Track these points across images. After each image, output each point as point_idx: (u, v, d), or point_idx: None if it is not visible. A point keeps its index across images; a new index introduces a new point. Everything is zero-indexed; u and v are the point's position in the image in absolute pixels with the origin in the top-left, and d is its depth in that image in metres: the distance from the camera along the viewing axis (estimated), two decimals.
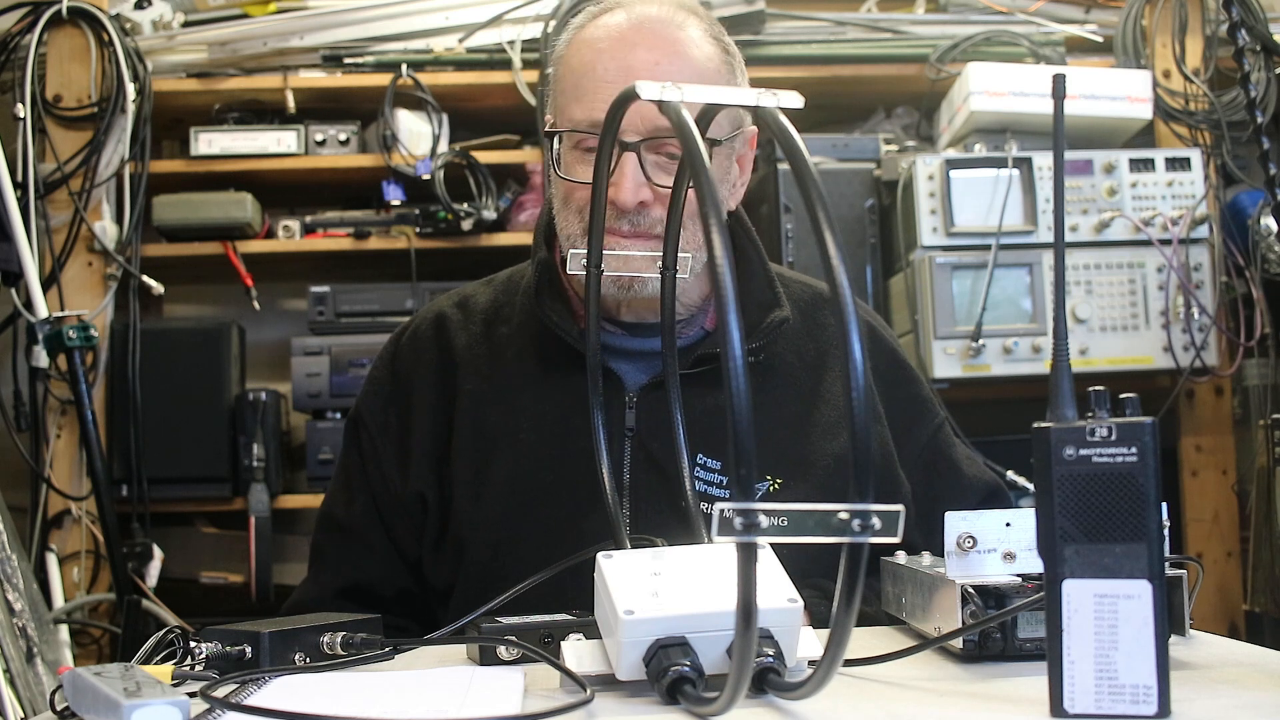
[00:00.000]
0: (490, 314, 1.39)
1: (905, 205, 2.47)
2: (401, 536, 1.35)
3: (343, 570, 1.36)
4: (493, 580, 1.23)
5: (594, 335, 1.08)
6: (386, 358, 1.42)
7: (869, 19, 2.81)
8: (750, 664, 0.69)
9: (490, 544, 1.27)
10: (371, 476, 1.36)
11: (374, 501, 1.36)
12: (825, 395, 1.33)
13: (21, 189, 2.44)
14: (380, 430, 1.37)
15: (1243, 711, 0.75)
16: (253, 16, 2.70)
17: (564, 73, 1.29)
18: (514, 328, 1.36)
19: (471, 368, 1.35)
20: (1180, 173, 2.47)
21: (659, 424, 1.24)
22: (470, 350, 1.36)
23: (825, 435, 1.31)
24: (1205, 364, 2.43)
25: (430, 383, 1.36)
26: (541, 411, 1.30)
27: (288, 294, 3.05)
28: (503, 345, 1.35)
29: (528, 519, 1.26)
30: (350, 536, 1.37)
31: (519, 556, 1.24)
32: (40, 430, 2.49)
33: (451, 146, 2.69)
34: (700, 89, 0.82)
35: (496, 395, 1.32)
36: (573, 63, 1.27)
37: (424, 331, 1.40)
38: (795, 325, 1.35)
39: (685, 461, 1.11)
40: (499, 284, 1.43)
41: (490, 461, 1.30)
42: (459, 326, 1.38)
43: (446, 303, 1.42)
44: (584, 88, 1.24)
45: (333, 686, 0.88)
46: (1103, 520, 0.73)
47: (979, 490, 1.40)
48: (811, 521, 0.68)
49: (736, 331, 0.66)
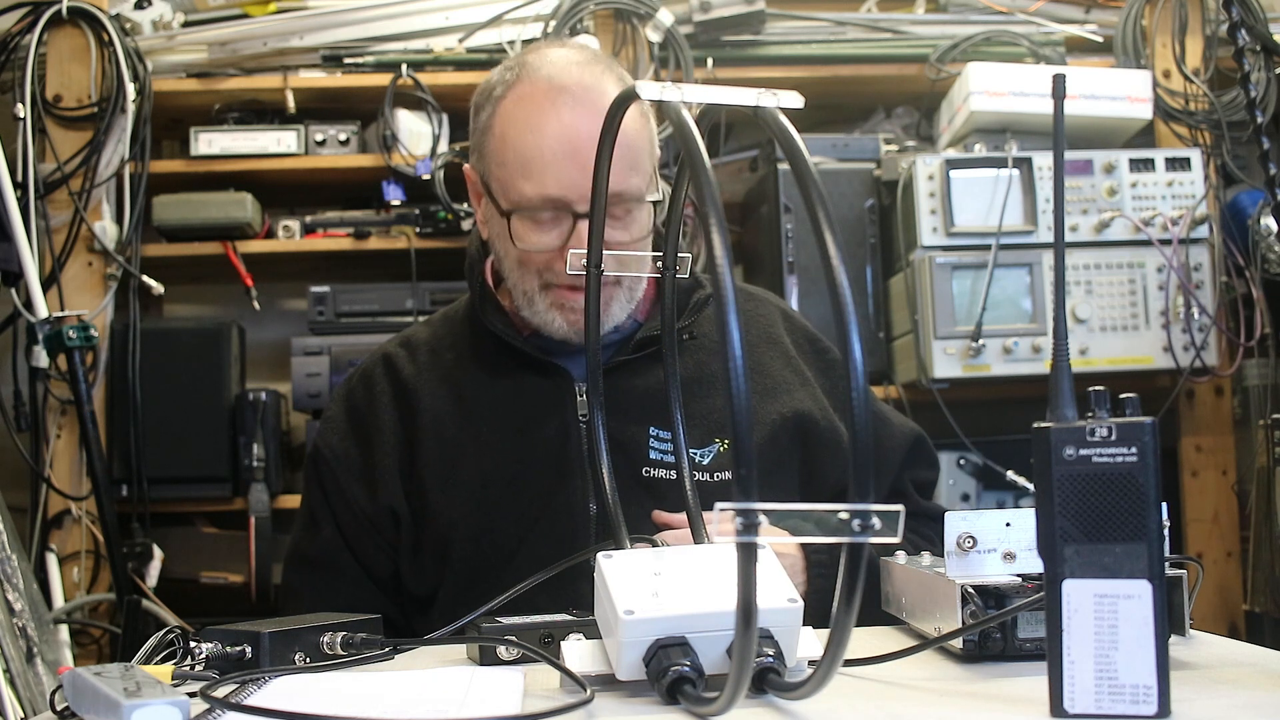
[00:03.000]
0: (433, 344, 1.50)
1: (905, 205, 2.47)
2: (370, 556, 1.41)
3: (315, 604, 1.38)
4: (480, 569, 1.33)
5: (594, 335, 1.08)
6: (340, 398, 1.50)
7: (869, 19, 2.81)
8: (750, 664, 0.69)
9: (471, 537, 1.35)
10: (335, 505, 1.43)
11: (339, 529, 1.42)
12: (759, 369, 1.46)
13: (21, 189, 2.44)
14: (340, 460, 1.44)
15: (1243, 711, 0.75)
16: (253, 16, 2.69)
17: (500, 144, 1.37)
18: (459, 350, 1.47)
19: (425, 389, 1.44)
20: (1180, 173, 2.47)
21: (613, 406, 1.32)
22: (420, 376, 1.46)
23: (764, 398, 1.44)
24: (1205, 364, 2.42)
25: (387, 410, 1.44)
26: (497, 413, 1.40)
27: (288, 294, 3.05)
28: (451, 366, 1.46)
29: (502, 507, 1.35)
30: (317, 568, 1.43)
31: (500, 543, 1.35)
32: (40, 430, 2.49)
33: (451, 146, 2.69)
34: (700, 89, 0.82)
35: (453, 407, 1.42)
36: (510, 135, 1.36)
37: (374, 370, 1.49)
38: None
39: (684, 449, 1.11)
40: (437, 321, 1.55)
41: (457, 465, 1.38)
42: (406, 360, 1.48)
43: (390, 345, 1.53)
44: (530, 164, 1.33)
45: (333, 686, 0.88)
46: (1103, 520, 0.73)
47: (906, 437, 1.53)
48: (811, 521, 0.68)
49: (736, 332, 0.67)
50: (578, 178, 1.31)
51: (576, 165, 1.31)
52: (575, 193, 1.31)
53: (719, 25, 2.64)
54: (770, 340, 1.51)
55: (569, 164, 1.31)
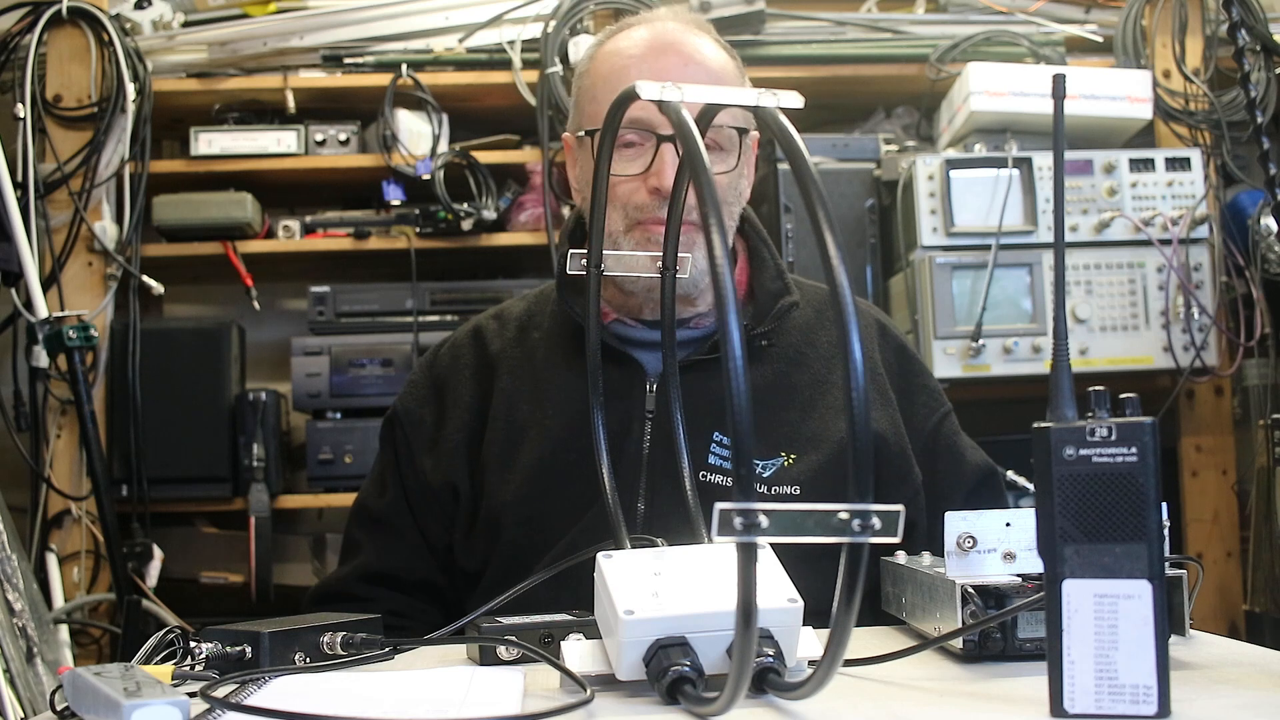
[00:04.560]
0: (524, 321, 1.49)
1: (905, 205, 2.47)
2: (429, 526, 1.43)
3: (370, 556, 1.44)
4: (526, 555, 1.34)
5: (593, 336, 1.08)
6: (425, 364, 1.52)
7: (869, 19, 2.81)
8: (750, 664, 0.69)
9: (521, 521, 1.36)
10: (404, 470, 1.45)
11: (405, 494, 1.44)
12: (837, 382, 1.41)
13: (21, 189, 2.44)
14: (414, 426, 1.45)
15: (1243, 711, 0.75)
16: (253, 16, 2.69)
17: (593, 82, 1.40)
18: (545, 330, 1.46)
19: (506, 368, 1.44)
20: (1180, 173, 2.47)
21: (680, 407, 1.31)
22: (505, 353, 1.46)
23: (836, 415, 1.39)
24: (1205, 364, 2.42)
25: (467, 383, 1.45)
26: (566, 400, 1.39)
27: (288, 294, 3.05)
28: (534, 346, 1.45)
29: (553, 495, 1.35)
30: (379, 525, 1.46)
31: (547, 530, 1.34)
32: (40, 430, 2.49)
33: (451, 146, 2.69)
34: (700, 89, 0.82)
35: (527, 390, 1.42)
36: (602, 71, 1.39)
37: (462, 341, 1.50)
38: (809, 317, 1.46)
39: (684, 451, 1.11)
40: (533, 296, 1.54)
41: (519, 448, 1.39)
42: (494, 334, 1.48)
43: (484, 317, 1.53)
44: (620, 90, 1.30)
45: (333, 686, 0.88)
46: (1103, 520, 0.73)
47: (976, 473, 1.48)
48: (811, 521, 0.68)
49: (736, 332, 0.67)
50: None
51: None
52: (659, 115, 1.29)
53: (719, 25, 2.60)
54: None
55: None
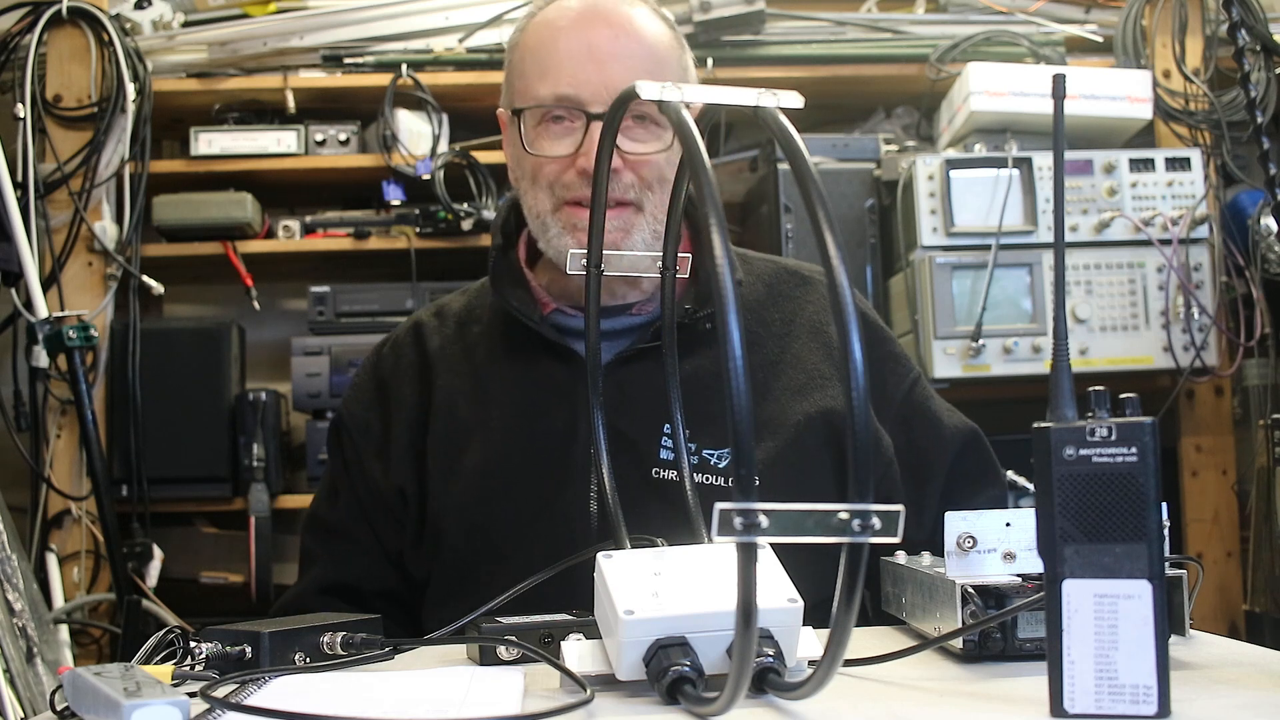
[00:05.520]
0: (463, 316, 1.44)
1: (905, 205, 2.47)
2: (384, 533, 1.38)
3: (327, 567, 1.39)
4: (468, 566, 1.29)
5: (593, 336, 1.08)
6: (369, 365, 1.47)
7: (869, 19, 2.81)
8: (750, 664, 0.69)
9: (464, 530, 1.31)
10: (354, 476, 1.40)
11: (358, 500, 1.39)
12: (792, 360, 1.37)
13: (21, 189, 2.44)
14: (362, 431, 1.41)
15: (1243, 711, 0.75)
16: (253, 16, 2.69)
17: (523, 55, 1.34)
18: (484, 325, 1.41)
19: (445, 366, 1.39)
20: (1180, 173, 2.47)
21: (625, 399, 1.29)
22: (443, 350, 1.41)
23: (794, 396, 1.34)
24: (1205, 364, 2.42)
25: (409, 384, 1.40)
26: (509, 399, 1.34)
27: (288, 294, 3.05)
28: (474, 343, 1.40)
29: (499, 502, 1.30)
30: (334, 535, 1.40)
31: (492, 540, 1.29)
32: (40, 430, 2.49)
33: (451, 146, 2.69)
34: (700, 89, 0.82)
35: (468, 389, 1.37)
36: (531, 43, 1.33)
37: (403, 339, 1.45)
38: (759, 294, 1.41)
39: (683, 447, 1.11)
40: (472, 291, 1.49)
41: (463, 451, 1.33)
42: (434, 331, 1.43)
43: (424, 313, 1.48)
44: (547, 65, 1.29)
45: (333, 686, 0.88)
46: (1103, 520, 0.73)
47: (959, 438, 1.44)
48: (811, 521, 0.68)
49: (736, 332, 0.67)
50: (593, 76, 1.26)
51: (594, 64, 1.26)
52: (588, 91, 1.26)
53: (719, 25, 2.65)
54: (814, 330, 1.40)
55: (586, 62, 1.27)
